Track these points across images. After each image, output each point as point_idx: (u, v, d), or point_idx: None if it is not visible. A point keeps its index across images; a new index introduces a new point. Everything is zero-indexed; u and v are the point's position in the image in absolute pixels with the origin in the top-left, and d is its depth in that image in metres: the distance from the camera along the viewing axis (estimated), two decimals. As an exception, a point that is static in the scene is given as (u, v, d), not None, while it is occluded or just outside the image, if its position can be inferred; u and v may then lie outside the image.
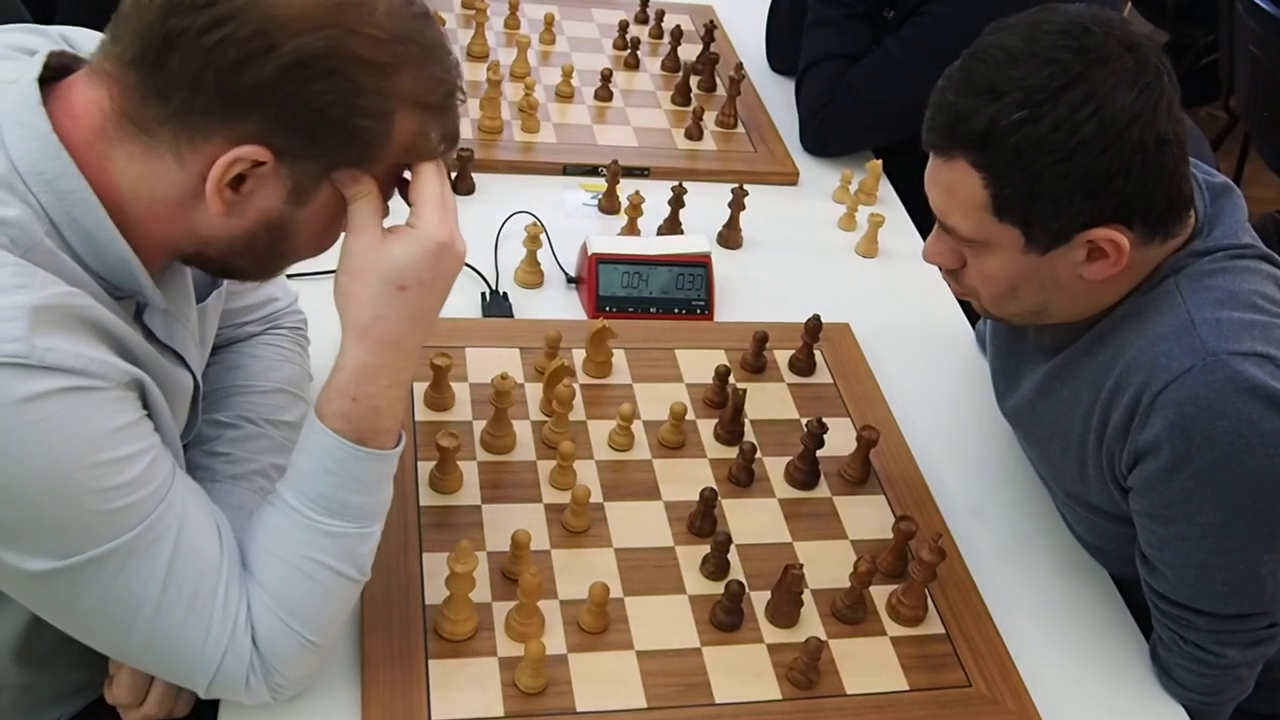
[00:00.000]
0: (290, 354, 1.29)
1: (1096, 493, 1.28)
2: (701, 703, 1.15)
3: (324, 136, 0.91)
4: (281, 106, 0.88)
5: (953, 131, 1.13)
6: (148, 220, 0.94)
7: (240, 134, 0.89)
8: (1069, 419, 1.27)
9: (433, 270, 0.98)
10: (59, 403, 0.85)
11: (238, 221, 0.94)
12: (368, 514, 1.03)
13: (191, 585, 0.95)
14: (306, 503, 1.00)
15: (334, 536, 1.00)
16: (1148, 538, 1.23)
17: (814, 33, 2.07)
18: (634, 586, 1.24)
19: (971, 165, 1.13)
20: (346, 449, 0.99)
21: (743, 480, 1.38)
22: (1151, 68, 1.10)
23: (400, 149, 0.96)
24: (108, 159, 0.92)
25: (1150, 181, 1.11)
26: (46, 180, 0.89)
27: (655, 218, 1.78)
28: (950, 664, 1.23)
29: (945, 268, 1.26)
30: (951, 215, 1.18)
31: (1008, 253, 1.17)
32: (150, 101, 0.89)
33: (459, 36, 2.16)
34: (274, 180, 0.92)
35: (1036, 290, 1.20)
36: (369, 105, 0.91)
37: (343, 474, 1.00)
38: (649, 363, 1.53)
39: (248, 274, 1.05)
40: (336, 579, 1.01)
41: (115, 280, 0.95)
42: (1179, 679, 1.26)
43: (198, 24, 0.85)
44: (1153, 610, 1.28)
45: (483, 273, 1.65)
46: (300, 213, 0.95)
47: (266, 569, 1.00)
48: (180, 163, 0.91)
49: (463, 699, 1.11)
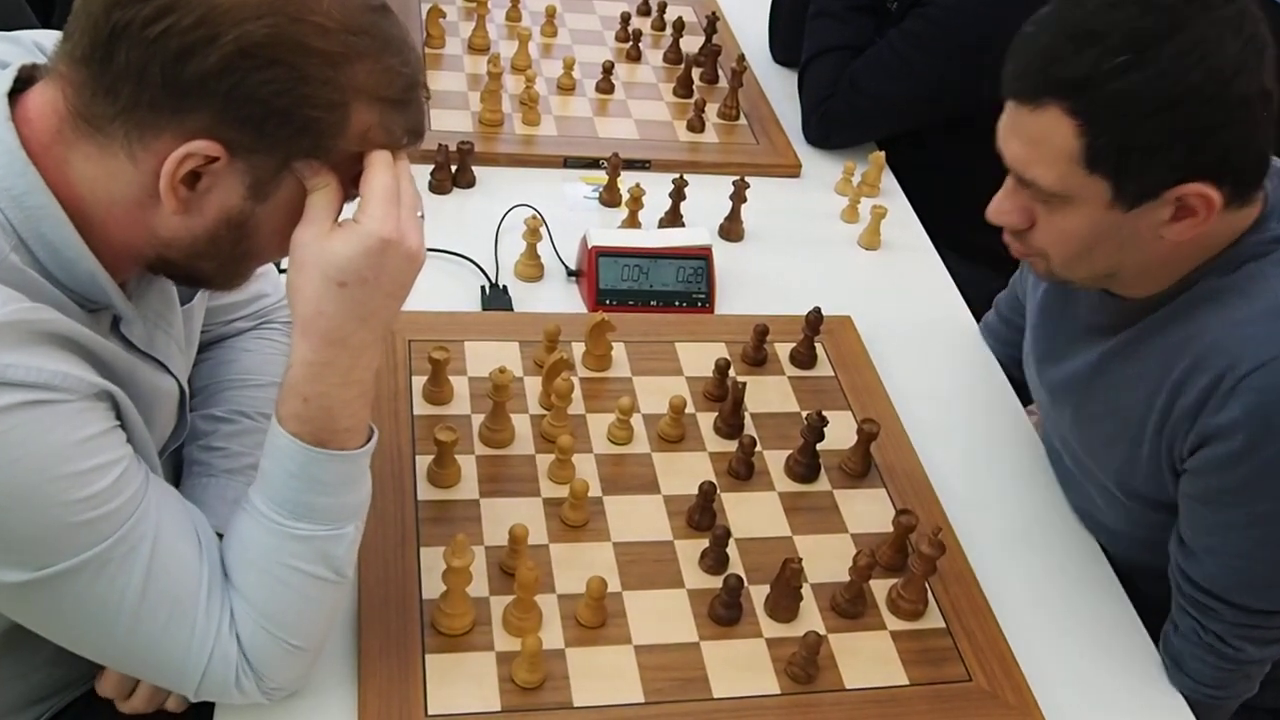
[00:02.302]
0: (284, 348, 1.28)
1: (1144, 475, 1.26)
2: (700, 697, 1.14)
3: (273, 128, 0.89)
4: (227, 98, 0.86)
5: (1046, 76, 1.09)
6: (109, 224, 0.93)
7: (189, 129, 0.87)
8: (1129, 397, 1.25)
9: (375, 268, 0.94)
10: (20, 416, 0.84)
11: (197, 220, 0.93)
12: (338, 515, 1.00)
13: (171, 593, 0.94)
14: (274, 507, 0.98)
15: (303, 540, 0.99)
16: (1193, 522, 1.22)
17: (816, 24, 2.06)
18: (632, 581, 1.24)
19: (1066, 112, 1.08)
20: (306, 452, 0.97)
21: (742, 474, 1.37)
22: (1251, 18, 1.07)
23: (358, 141, 0.94)
24: (66, 162, 0.90)
25: (1248, 136, 1.08)
26: (14, 196, 0.89)
27: (656, 210, 1.77)
28: (950, 658, 1.22)
29: (1013, 227, 1.21)
30: (1035, 167, 1.13)
31: (1090, 208, 1.13)
32: (100, 98, 0.88)
33: (460, 29, 2.15)
34: (230, 176, 0.91)
35: (1114, 250, 1.16)
36: (318, 95, 0.89)
37: (305, 477, 0.98)
38: (649, 356, 1.52)
39: (214, 279, 1.02)
40: (312, 582, 1.00)
41: (85, 293, 0.94)
42: (1190, 669, 1.25)
43: (141, 15, 0.84)
44: (1177, 597, 1.26)
45: (482, 266, 1.64)
46: (262, 208, 0.93)
47: (242, 576, 0.99)
48: (134, 161, 0.89)
49: (460, 693, 1.10)
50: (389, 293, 0.97)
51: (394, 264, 0.96)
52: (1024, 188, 1.17)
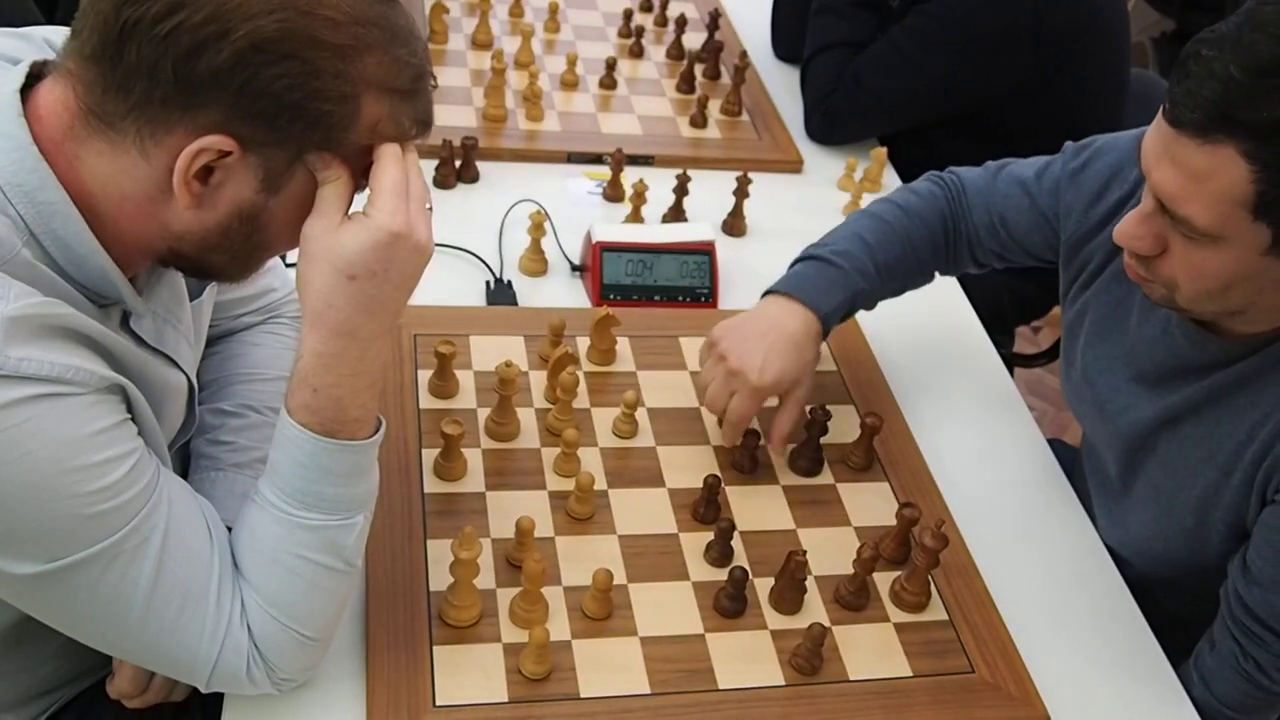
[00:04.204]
0: (292, 341, 1.29)
1: (1227, 503, 1.23)
2: (705, 688, 1.15)
3: (286, 122, 0.89)
4: (239, 93, 0.87)
5: (1225, 113, 0.99)
6: (120, 220, 0.93)
7: (202, 124, 0.88)
8: (1233, 427, 1.21)
9: (384, 261, 0.95)
10: (33, 409, 0.85)
11: (209, 214, 0.93)
12: (348, 505, 1.01)
13: (183, 584, 0.95)
14: (283, 497, 0.99)
15: (313, 530, 0.99)
16: (1265, 553, 1.19)
17: (819, 20, 2.07)
18: (638, 573, 1.25)
19: (1241, 155, 0.99)
20: (315, 442, 0.98)
21: (746, 467, 1.38)
22: None
23: (369, 133, 0.94)
24: (77, 159, 0.91)
25: None
26: (26, 192, 0.89)
27: (659, 206, 1.78)
28: (953, 650, 1.23)
29: (1142, 253, 1.13)
30: (1190, 204, 1.04)
31: (1241, 251, 1.05)
32: (111, 95, 0.88)
33: (463, 25, 2.16)
34: (243, 170, 0.91)
35: (1252, 292, 1.10)
36: (330, 89, 0.89)
37: (315, 467, 0.98)
38: (653, 350, 1.53)
39: (225, 271, 1.02)
40: (322, 572, 1.00)
41: (96, 289, 0.95)
42: (1218, 691, 1.24)
43: (151, 12, 0.85)
44: (1225, 618, 1.24)
45: (487, 260, 1.65)
46: (274, 201, 0.94)
47: (253, 566, 1.00)
48: (146, 157, 0.90)
49: (467, 685, 1.11)
50: (397, 285, 0.98)
51: (403, 257, 0.96)
52: (1163, 215, 1.08)
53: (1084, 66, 1.97)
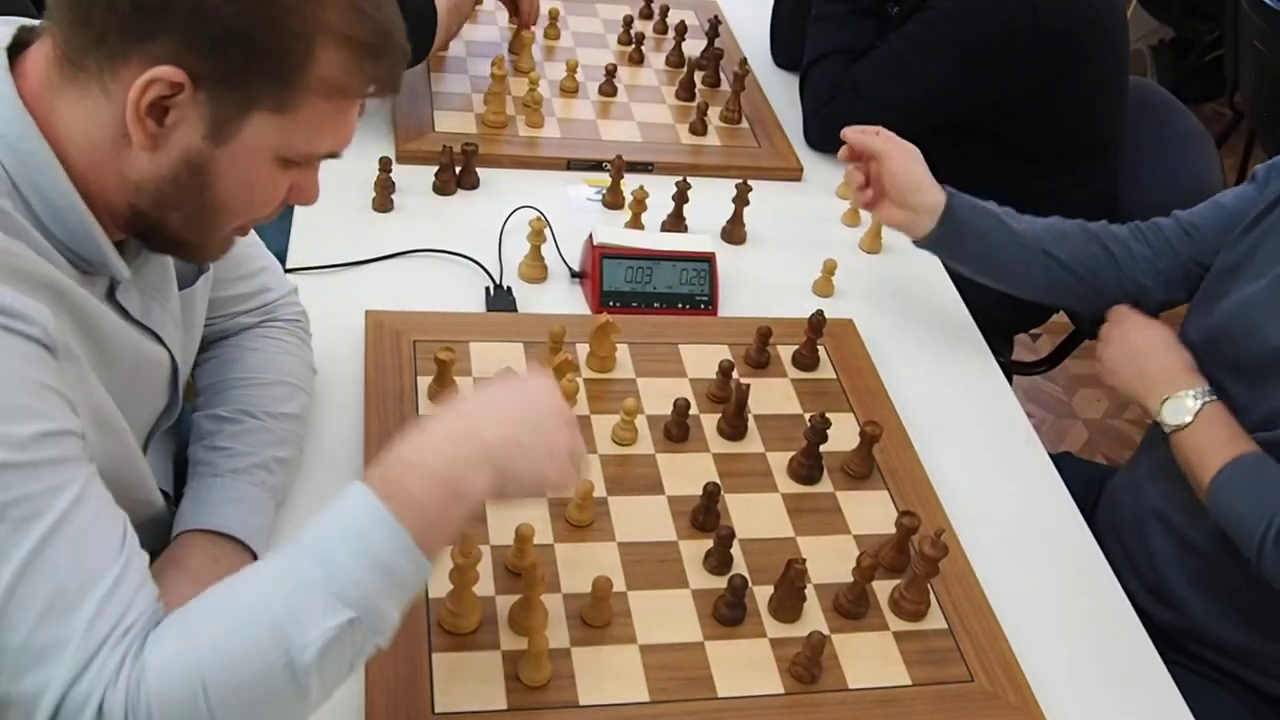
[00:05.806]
0: (288, 345, 1.29)
1: None
2: (704, 696, 1.15)
3: (236, 53, 0.90)
4: (190, 17, 0.88)
5: None
6: (89, 173, 0.95)
7: (155, 54, 0.89)
8: None
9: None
10: None
11: (162, 159, 0.94)
12: (345, 580, 0.90)
13: (58, 584, 0.84)
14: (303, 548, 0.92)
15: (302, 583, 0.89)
16: None
17: (818, 28, 2.07)
18: (637, 581, 1.24)
19: None
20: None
21: (676, 436, 1.40)
22: None
23: (322, 81, 0.94)
24: (53, 110, 0.93)
25: None
26: (9, 143, 0.91)
27: (659, 213, 1.78)
28: (952, 659, 1.23)
29: None
30: None
31: None
32: (76, 29, 0.91)
33: (464, 31, 2.16)
34: (193, 111, 0.92)
35: None
36: (281, 21, 0.90)
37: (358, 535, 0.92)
38: (653, 357, 1.53)
39: (185, 236, 1.00)
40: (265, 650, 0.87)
41: (79, 250, 0.96)
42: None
43: None
44: None
45: (487, 267, 1.65)
46: (220, 152, 0.94)
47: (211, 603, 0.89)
48: (107, 94, 0.91)
49: (466, 692, 1.11)
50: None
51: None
52: None
53: (1083, 73, 1.98)
